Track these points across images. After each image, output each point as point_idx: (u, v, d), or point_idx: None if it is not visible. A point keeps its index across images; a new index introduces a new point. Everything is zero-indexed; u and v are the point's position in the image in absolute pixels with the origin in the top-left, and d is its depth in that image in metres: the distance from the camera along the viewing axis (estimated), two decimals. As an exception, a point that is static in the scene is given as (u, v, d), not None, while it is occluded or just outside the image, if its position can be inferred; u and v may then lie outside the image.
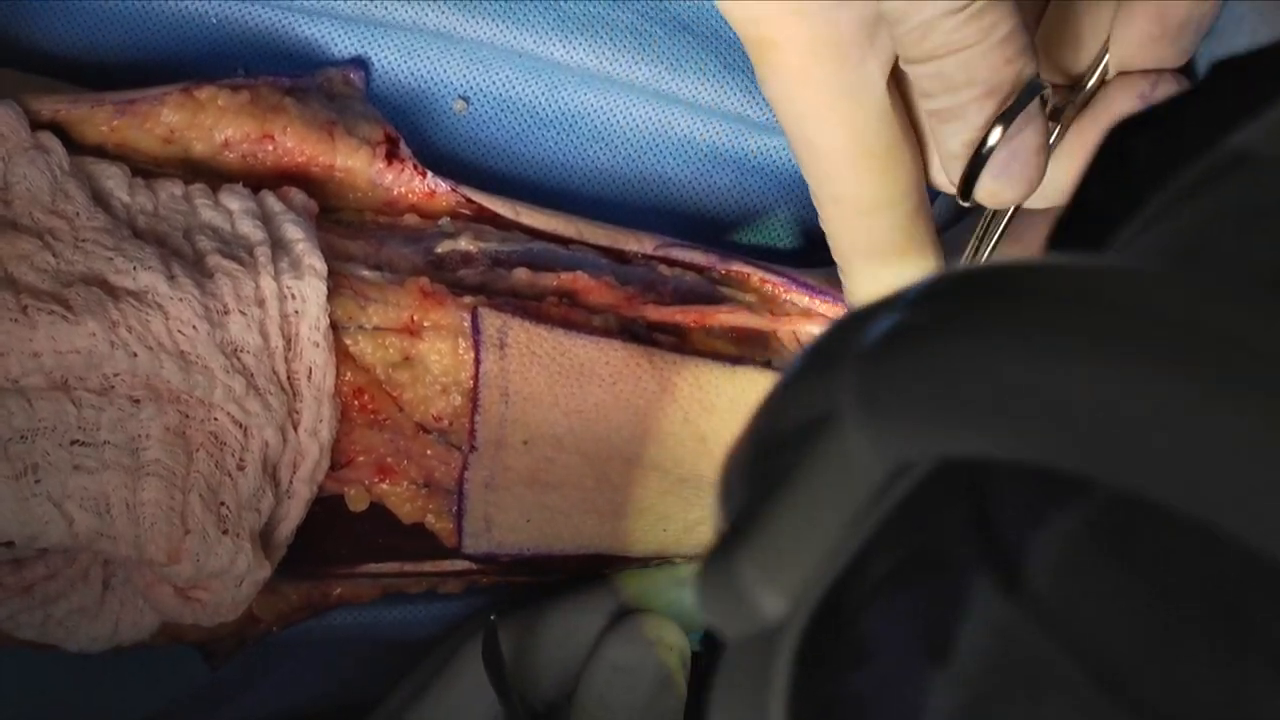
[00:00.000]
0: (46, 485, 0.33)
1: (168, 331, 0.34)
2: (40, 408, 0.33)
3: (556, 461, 0.38)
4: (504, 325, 0.37)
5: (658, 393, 0.38)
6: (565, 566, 0.40)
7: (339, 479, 0.37)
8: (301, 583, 0.40)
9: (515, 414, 0.37)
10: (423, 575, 0.41)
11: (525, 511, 0.38)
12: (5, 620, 0.36)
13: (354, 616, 0.51)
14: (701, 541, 0.40)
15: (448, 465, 0.38)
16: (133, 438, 0.34)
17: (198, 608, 0.36)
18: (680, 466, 0.38)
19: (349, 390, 0.37)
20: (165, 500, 0.34)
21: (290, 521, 0.37)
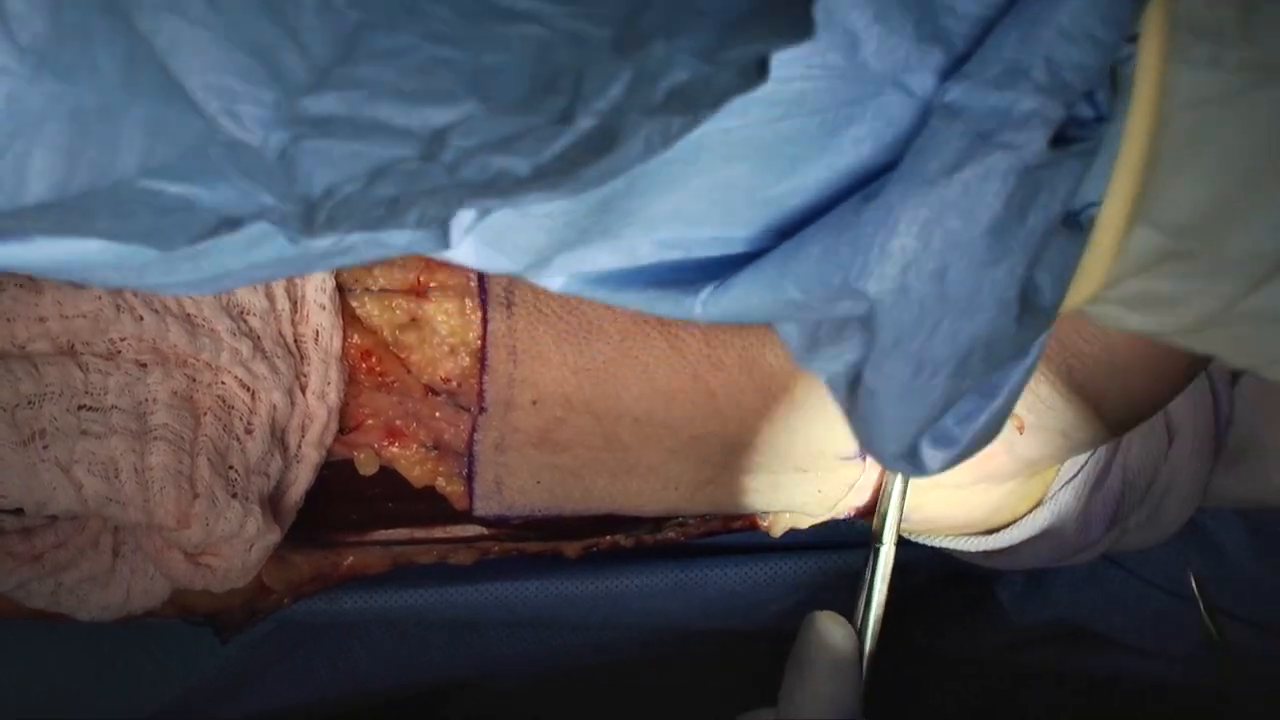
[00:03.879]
0: (54, 451, 0.32)
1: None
2: (47, 373, 0.33)
3: (566, 421, 0.37)
4: (510, 284, 0.37)
5: (666, 350, 0.38)
6: (576, 527, 0.40)
7: (348, 443, 0.37)
8: (312, 552, 0.40)
9: (523, 373, 0.37)
10: (434, 542, 0.40)
11: (535, 472, 0.38)
12: (16, 589, 0.36)
13: (364, 600, 0.51)
14: (712, 500, 0.40)
15: (457, 427, 0.37)
16: (140, 402, 0.34)
17: (208, 574, 0.36)
18: (690, 425, 0.38)
19: (356, 353, 0.37)
20: (173, 464, 0.34)
21: (299, 486, 0.37)
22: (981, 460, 0.40)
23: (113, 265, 0.21)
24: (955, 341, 0.21)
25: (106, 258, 0.21)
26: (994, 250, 0.20)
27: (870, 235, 0.21)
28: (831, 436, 0.39)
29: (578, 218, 0.22)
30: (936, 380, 0.22)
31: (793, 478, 0.40)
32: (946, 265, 0.21)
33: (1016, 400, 0.23)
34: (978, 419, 0.23)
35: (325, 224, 0.19)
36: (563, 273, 0.23)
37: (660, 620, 0.54)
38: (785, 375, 0.39)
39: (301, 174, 0.18)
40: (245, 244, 0.21)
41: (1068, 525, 0.44)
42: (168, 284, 0.22)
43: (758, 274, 0.22)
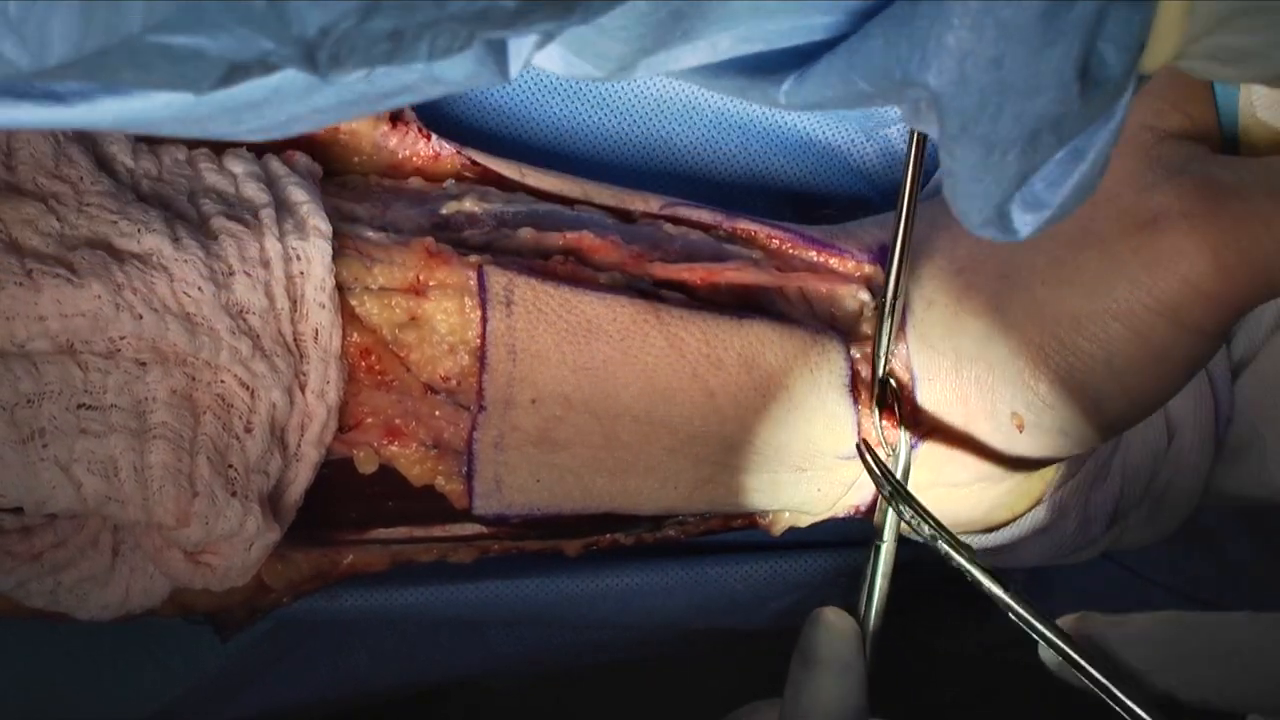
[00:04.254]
0: (53, 449, 0.32)
1: (173, 293, 0.34)
2: (46, 372, 0.33)
3: (565, 420, 0.37)
4: (510, 283, 0.37)
5: (666, 349, 0.38)
6: (575, 526, 0.40)
7: (347, 441, 0.37)
8: (312, 550, 0.40)
9: (523, 372, 0.37)
10: (433, 541, 0.40)
11: (535, 471, 0.38)
12: (15, 588, 0.36)
13: (364, 599, 0.51)
14: (710, 499, 0.40)
15: (456, 426, 0.37)
16: (139, 401, 0.34)
17: (208, 573, 0.36)
18: (689, 424, 0.38)
19: (356, 351, 0.37)
20: (173, 463, 0.34)
21: (299, 484, 0.37)
22: (981, 460, 0.40)
23: (176, 119, 0.21)
24: (1020, 122, 0.22)
25: (169, 112, 0.21)
26: (1047, 34, 0.21)
27: (926, 29, 0.21)
28: (831, 436, 0.40)
29: (654, 25, 0.22)
30: (1009, 158, 0.23)
31: (792, 477, 0.40)
32: (1002, 53, 0.21)
33: (1106, 162, 0.24)
34: (1066, 182, 0.23)
35: (329, 63, 0.19)
36: (649, 72, 0.23)
37: (660, 619, 0.54)
38: (785, 375, 0.39)
39: (293, 15, 0.18)
40: (303, 89, 0.21)
41: (1068, 523, 0.44)
42: (235, 132, 0.22)
43: (829, 67, 0.23)
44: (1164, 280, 0.35)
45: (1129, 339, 0.36)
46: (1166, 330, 0.35)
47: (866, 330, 0.41)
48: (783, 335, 0.39)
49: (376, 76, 0.21)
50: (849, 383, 0.40)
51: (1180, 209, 0.35)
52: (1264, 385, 0.45)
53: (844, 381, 0.39)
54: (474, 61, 0.21)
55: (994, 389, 0.39)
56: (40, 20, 0.18)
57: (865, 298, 0.41)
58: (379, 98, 0.22)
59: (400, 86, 0.21)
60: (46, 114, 0.21)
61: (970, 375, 0.39)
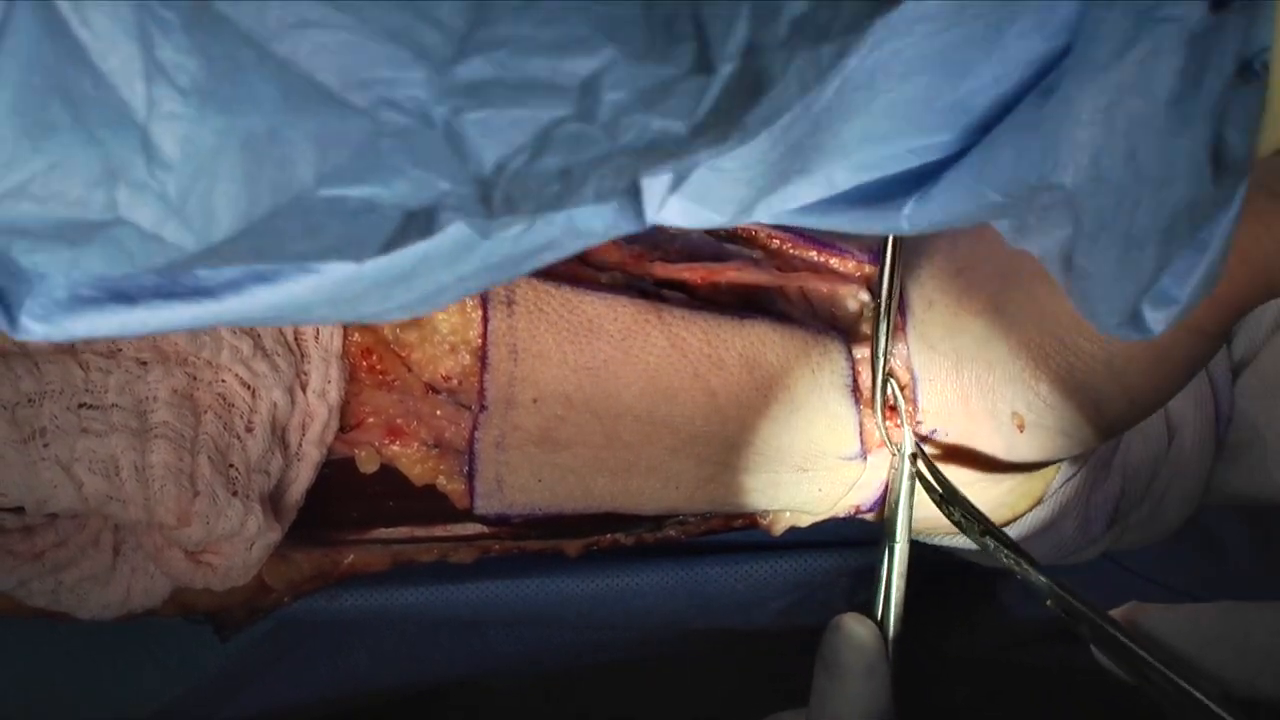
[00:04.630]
0: (55, 449, 0.32)
1: (174, 293, 0.34)
2: (47, 371, 0.33)
3: (567, 420, 0.37)
4: (511, 283, 0.37)
5: (667, 349, 0.38)
6: (577, 526, 0.40)
7: (349, 441, 0.37)
8: (313, 550, 0.40)
9: (524, 372, 0.37)
10: (434, 540, 0.40)
11: (536, 471, 0.38)
12: (17, 588, 0.36)
13: (365, 599, 0.51)
14: (712, 499, 0.40)
15: (458, 425, 0.37)
16: (140, 400, 0.34)
17: (209, 572, 0.36)
18: (691, 423, 0.38)
19: (357, 351, 0.37)
20: (174, 462, 0.34)
21: (300, 484, 0.37)
22: (982, 460, 0.40)
23: (328, 300, 0.21)
24: (1157, 215, 0.22)
25: (321, 294, 0.21)
26: (1177, 121, 0.21)
27: (1055, 129, 0.21)
28: (833, 436, 0.40)
29: (771, 165, 0.22)
30: (1146, 252, 0.23)
31: (793, 477, 0.40)
32: (1134, 145, 0.21)
33: (1228, 250, 0.24)
34: (1194, 274, 0.23)
35: (504, 204, 0.19)
36: (767, 214, 0.23)
37: (660, 618, 0.54)
38: (786, 375, 0.39)
39: (470, 151, 0.18)
40: (450, 255, 0.21)
41: (1068, 523, 0.44)
42: (384, 310, 0.22)
43: (955, 183, 0.23)
44: None
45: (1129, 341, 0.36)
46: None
47: (867, 330, 0.41)
48: (784, 335, 0.39)
49: (524, 235, 0.20)
50: (851, 383, 0.40)
51: None
52: (1264, 385, 0.45)
53: (846, 382, 0.39)
54: (614, 212, 0.21)
55: (995, 389, 0.39)
56: (203, 194, 0.18)
57: (866, 298, 0.41)
58: (523, 258, 0.21)
59: (544, 243, 0.21)
60: (198, 310, 0.21)
61: (971, 375, 0.39)
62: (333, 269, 0.21)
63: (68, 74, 0.17)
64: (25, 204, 0.18)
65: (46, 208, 0.18)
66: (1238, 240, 0.34)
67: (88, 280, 0.21)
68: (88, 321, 0.21)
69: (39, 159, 0.18)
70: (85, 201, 0.18)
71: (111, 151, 0.18)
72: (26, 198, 0.18)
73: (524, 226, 0.20)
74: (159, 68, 0.17)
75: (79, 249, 0.19)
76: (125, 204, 0.18)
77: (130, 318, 0.21)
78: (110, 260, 0.19)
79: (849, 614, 0.38)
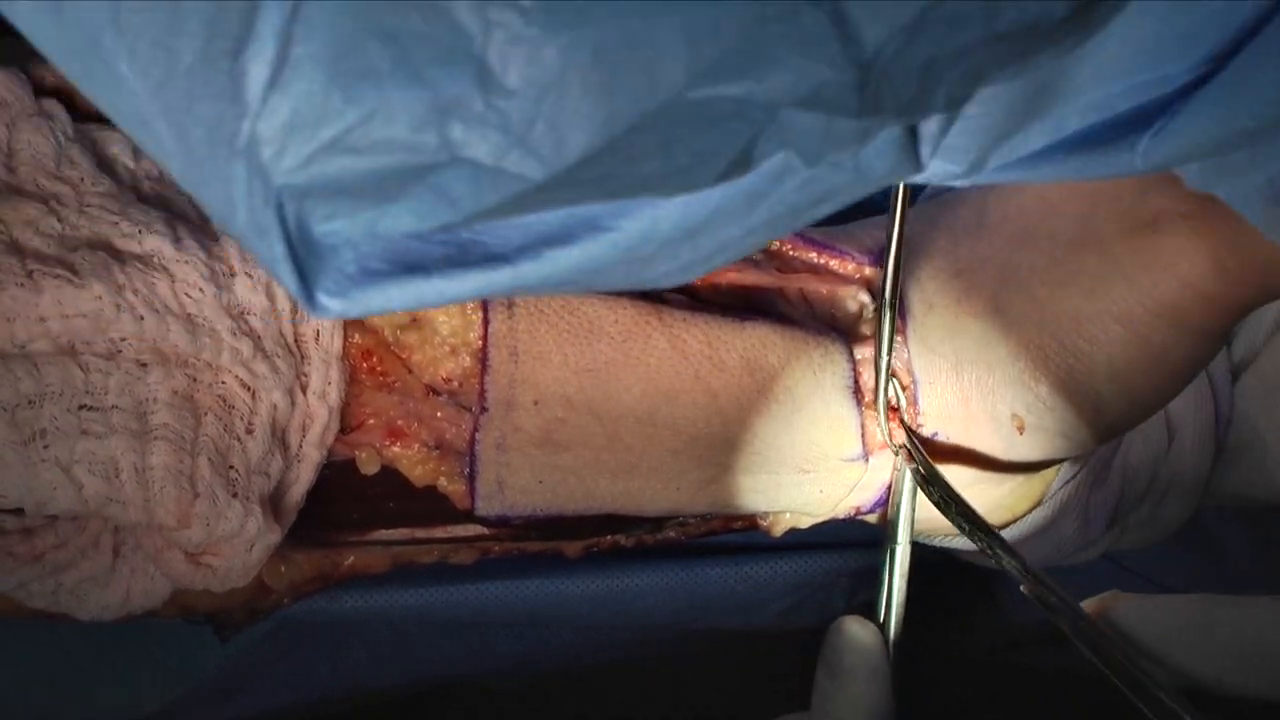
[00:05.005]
0: (55, 450, 0.32)
1: (174, 294, 0.34)
2: (47, 373, 0.33)
3: (568, 421, 0.37)
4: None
5: (668, 350, 0.38)
6: (577, 527, 0.40)
7: (349, 442, 0.37)
8: (313, 551, 0.40)
9: (525, 373, 0.37)
10: (434, 542, 0.40)
11: (537, 472, 0.38)
12: (16, 589, 0.36)
13: (365, 599, 0.51)
14: (713, 500, 0.40)
15: (458, 427, 0.37)
16: (140, 402, 0.34)
17: (208, 574, 0.36)
18: (692, 425, 0.38)
19: (357, 352, 0.37)
20: (174, 464, 0.34)
21: (300, 485, 0.37)
22: (982, 461, 0.40)
23: (622, 260, 0.20)
24: None
25: (615, 253, 0.20)
26: None
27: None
28: (834, 438, 0.40)
29: (1016, 106, 0.21)
30: None
31: (795, 478, 0.40)
32: None
33: None
34: None
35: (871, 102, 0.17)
36: (997, 165, 0.22)
37: (660, 619, 0.54)
38: (788, 376, 0.39)
39: (854, 31, 0.17)
40: (742, 205, 0.20)
41: (1068, 524, 0.44)
42: (671, 271, 0.21)
43: (1199, 112, 0.21)
44: (1163, 282, 0.35)
45: (1129, 340, 0.36)
46: (1166, 332, 0.35)
47: (866, 332, 0.41)
48: (785, 337, 0.39)
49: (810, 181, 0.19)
50: (852, 384, 0.40)
51: (1180, 210, 0.35)
52: (1264, 387, 0.45)
53: (847, 383, 0.39)
54: (897, 152, 0.20)
55: (994, 391, 0.39)
56: (550, 117, 0.17)
57: (865, 299, 0.41)
58: (805, 208, 0.20)
59: (827, 192, 0.20)
60: (493, 277, 0.20)
61: (971, 377, 0.39)
62: (628, 227, 0.20)
63: (390, 11, 0.16)
64: (341, 159, 0.17)
65: (364, 159, 0.17)
66: (1237, 242, 0.34)
67: (377, 252, 0.19)
68: (382, 294, 0.20)
69: (353, 109, 0.17)
70: (412, 146, 0.17)
71: (442, 89, 0.17)
72: (342, 151, 0.17)
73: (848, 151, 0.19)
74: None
75: (384, 206, 0.18)
76: (460, 141, 0.17)
77: (425, 288, 0.20)
78: (423, 213, 0.18)
79: (851, 616, 0.38)
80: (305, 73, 0.17)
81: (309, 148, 0.17)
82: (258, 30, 0.17)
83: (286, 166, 0.17)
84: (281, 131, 0.17)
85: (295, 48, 0.17)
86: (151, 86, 0.18)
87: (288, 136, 0.17)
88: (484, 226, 0.20)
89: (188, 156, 0.18)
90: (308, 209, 0.18)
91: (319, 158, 0.17)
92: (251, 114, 0.17)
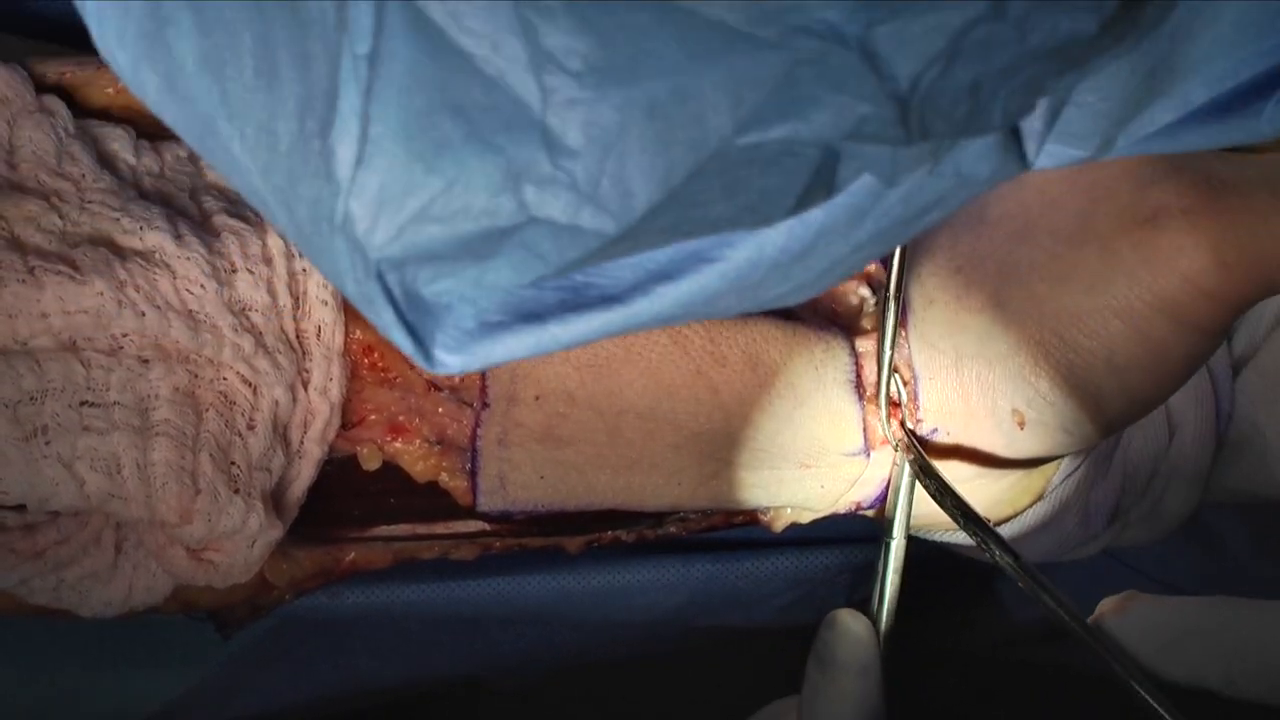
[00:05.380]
0: (56, 447, 0.32)
1: (175, 290, 0.34)
2: (49, 369, 0.33)
3: (569, 417, 0.37)
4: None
5: (669, 346, 0.38)
6: (579, 522, 0.40)
7: (351, 438, 0.37)
8: (315, 547, 0.40)
9: (526, 369, 0.37)
10: (436, 538, 0.40)
11: (539, 467, 0.38)
12: (18, 585, 0.36)
13: (366, 596, 0.51)
14: (714, 495, 0.40)
15: (460, 422, 0.37)
16: (142, 398, 0.34)
17: (210, 570, 0.36)
18: (694, 420, 0.38)
19: (358, 348, 0.37)
20: (176, 460, 0.34)
21: (302, 481, 0.37)
22: (983, 457, 0.40)
23: (733, 288, 0.21)
24: None
25: (725, 282, 0.21)
26: None
27: None
28: (836, 432, 0.40)
29: (1130, 91, 0.21)
30: None
31: (796, 473, 0.40)
32: None
33: None
34: None
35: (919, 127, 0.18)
36: (1126, 144, 0.23)
37: (661, 615, 0.54)
38: (790, 371, 0.39)
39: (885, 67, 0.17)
40: (847, 221, 0.20)
41: (1069, 519, 0.44)
42: (784, 294, 0.22)
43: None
44: (1164, 277, 0.35)
45: (1129, 336, 0.36)
46: (1166, 327, 0.35)
47: (867, 326, 0.41)
48: (786, 332, 0.39)
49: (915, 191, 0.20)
50: (854, 379, 0.40)
51: (1180, 205, 0.35)
52: (1265, 382, 0.45)
53: (849, 378, 0.39)
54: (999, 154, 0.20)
55: (995, 386, 0.39)
56: (615, 173, 0.17)
57: (866, 293, 0.41)
58: (914, 218, 0.21)
59: (934, 199, 0.20)
60: (609, 317, 0.21)
61: (971, 373, 0.39)
62: (735, 255, 0.20)
63: (453, 86, 0.17)
64: (430, 228, 0.18)
65: (452, 226, 0.18)
66: (1237, 237, 0.34)
67: (494, 305, 0.20)
68: (503, 346, 0.21)
69: (435, 179, 0.18)
70: (492, 210, 0.18)
71: (511, 155, 0.17)
72: (430, 221, 0.18)
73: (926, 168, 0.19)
74: (547, 56, 0.17)
75: (484, 264, 0.19)
76: (535, 203, 0.18)
77: (543, 335, 0.21)
78: (519, 267, 0.19)
79: (844, 609, 0.38)
80: (386, 149, 0.18)
81: (399, 220, 0.18)
82: (340, 111, 0.18)
83: (380, 240, 0.18)
84: (372, 207, 0.18)
85: (374, 126, 0.18)
86: (260, 168, 0.19)
87: (378, 211, 0.18)
88: (596, 269, 0.21)
89: (298, 232, 0.20)
90: (410, 275, 0.19)
91: (410, 229, 0.18)
92: (344, 192, 0.18)
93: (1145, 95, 0.22)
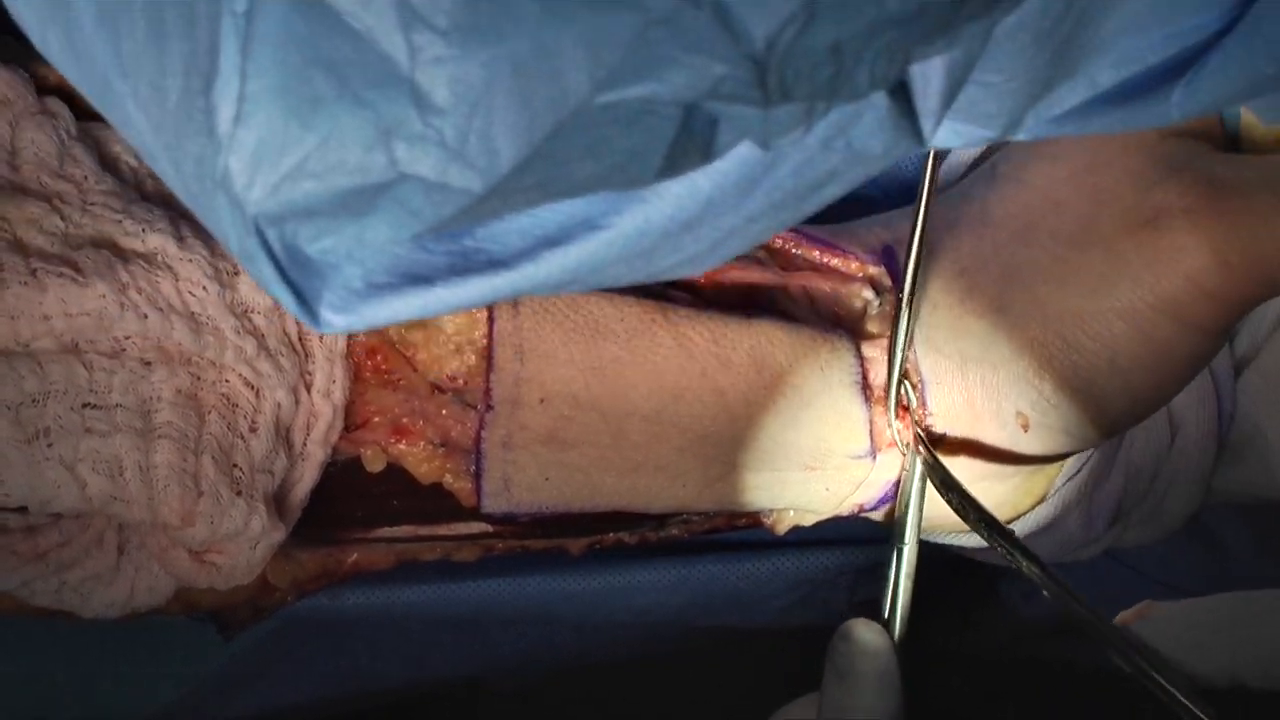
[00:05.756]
0: (58, 449, 0.32)
1: (178, 293, 0.34)
2: (51, 371, 0.33)
3: (574, 419, 0.37)
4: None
5: (674, 348, 0.38)
6: (582, 524, 0.40)
7: (354, 440, 0.37)
8: (317, 549, 0.40)
9: (530, 372, 0.37)
10: (438, 539, 0.40)
11: (543, 470, 0.38)
12: (20, 587, 0.36)
13: (367, 597, 0.51)
14: (719, 497, 0.40)
15: (464, 425, 0.37)
16: (144, 400, 0.34)
17: (213, 571, 0.36)
18: (699, 423, 0.38)
19: (362, 350, 0.37)
20: (178, 462, 0.33)
21: (305, 484, 0.37)
22: (987, 459, 0.40)
23: (620, 257, 0.21)
24: None
25: (613, 250, 0.21)
26: None
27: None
28: (841, 434, 0.40)
29: (1037, 71, 0.22)
30: None
31: (801, 476, 0.40)
32: None
33: None
34: None
35: (779, 89, 0.18)
36: (1034, 124, 0.23)
37: (662, 616, 0.54)
38: (795, 374, 0.39)
39: (739, 27, 0.17)
40: (735, 191, 0.20)
41: (1071, 520, 0.44)
42: (677, 264, 0.22)
43: (1226, 61, 0.22)
44: (1166, 278, 0.35)
45: (1132, 337, 0.36)
46: (1169, 328, 0.36)
47: (871, 329, 0.41)
48: (792, 334, 0.39)
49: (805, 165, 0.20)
50: (860, 380, 0.40)
51: (1182, 206, 0.35)
52: (1267, 383, 0.45)
53: (855, 380, 0.39)
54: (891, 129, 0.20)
55: (999, 389, 0.39)
56: (481, 130, 0.17)
57: (870, 295, 0.41)
58: (807, 192, 0.21)
59: (826, 174, 0.21)
60: (496, 282, 0.21)
61: (976, 376, 0.39)
62: (623, 224, 0.20)
63: (325, 43, 0.17)
64: (306, 183, 0.18)
65: (327, 181, 0.18)
66: (1239, 237, 0.34)
67: (382, 267, 0.20)
68: (388, 307, 0.21)
69: (311, 135, 0.18)
70: (365, 166, 0.18)
71: (382, 111, 0.18)
72: (306, 176, 0.18)
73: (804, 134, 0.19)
74: (415, 13, 0.17)
75: (363, 220, 0.19)
76: (405, 159, 0.18)
77: (429, 297, 0.21)
78: (394, 224, 0.19)
79: (860, 620, 0.38)
80: (263, 105, 0.18)
81: (275, 176, 0.18)
82: (221, 68, 0.18)
83: (257, 196, 0.19)
84: (250, 163, 0.18)
85: (251, 83, 0.18)
86: (152, 125, 0.19)
87: (255, 167, 0.18)
88: (485, 232, 0.21)
89: (185, 190, 0.20)
90: (290, 231, 0.19)
91: (285, 184, 0.18)
92: (224, 149, 0.18)
93: (1053, 75, 0.22)
